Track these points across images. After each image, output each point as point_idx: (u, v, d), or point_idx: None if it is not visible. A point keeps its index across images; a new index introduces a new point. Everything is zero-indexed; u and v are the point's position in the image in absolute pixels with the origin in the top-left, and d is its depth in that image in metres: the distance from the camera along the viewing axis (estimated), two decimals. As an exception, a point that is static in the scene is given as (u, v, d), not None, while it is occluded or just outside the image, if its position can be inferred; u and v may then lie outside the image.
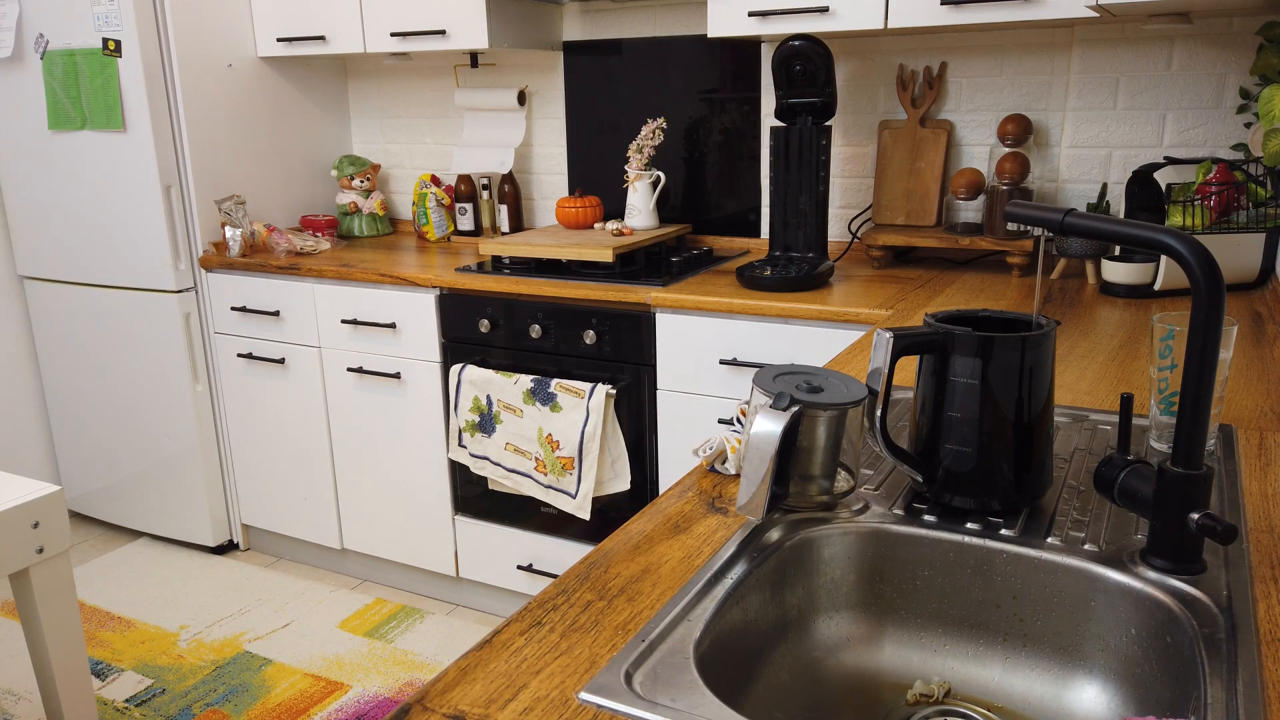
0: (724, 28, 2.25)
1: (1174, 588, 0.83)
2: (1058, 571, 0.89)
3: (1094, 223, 0.83)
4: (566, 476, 2.33)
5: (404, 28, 2.62)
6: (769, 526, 0.95)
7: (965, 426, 0.94)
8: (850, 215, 2.57)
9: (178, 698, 2.33)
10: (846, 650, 0.95)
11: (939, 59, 2.40)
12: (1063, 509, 0.98)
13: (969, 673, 0.92)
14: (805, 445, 0.94)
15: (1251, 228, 1.92)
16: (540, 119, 2.93)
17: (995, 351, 0.92)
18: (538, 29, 2.72)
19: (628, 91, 2.78)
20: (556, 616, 0.81)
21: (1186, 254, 0.76)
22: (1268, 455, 1.11)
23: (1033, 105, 2.33)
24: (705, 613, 0.81)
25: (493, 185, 2.98)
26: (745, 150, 2.67)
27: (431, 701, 0.70)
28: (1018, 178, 2.23)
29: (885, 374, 0.93)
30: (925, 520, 0.96)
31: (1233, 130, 2.16)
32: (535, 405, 2.33)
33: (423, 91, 3.09)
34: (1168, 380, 1.07)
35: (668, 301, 2.17)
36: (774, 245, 2.31)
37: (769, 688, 0.88)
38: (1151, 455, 1.12)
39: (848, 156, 2.56)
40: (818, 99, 2.21)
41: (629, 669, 0.73)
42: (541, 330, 2.34)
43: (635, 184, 2.61)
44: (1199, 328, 0.78)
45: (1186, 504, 0.81)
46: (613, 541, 0.94)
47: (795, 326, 2.05)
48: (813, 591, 0.96)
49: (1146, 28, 2.16)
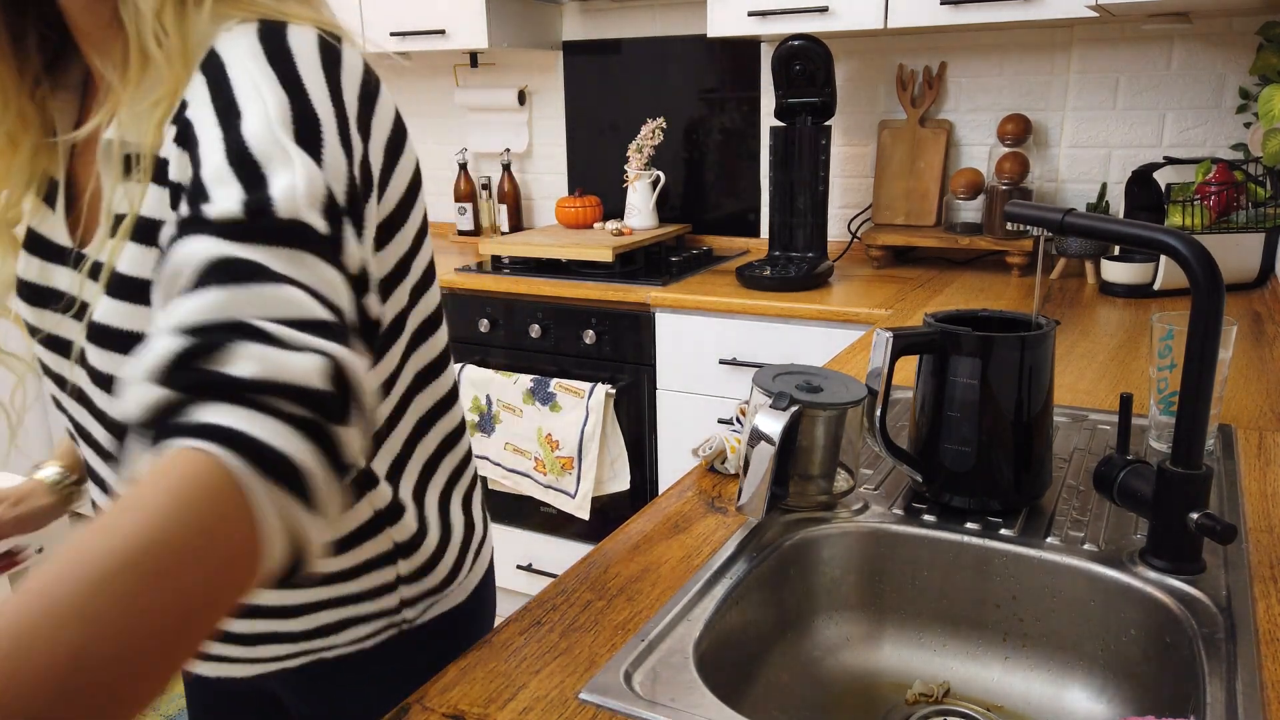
0: (724, 28, 2.25)
1: (1173, 587, 0.83)
2: (1057, 571, 0.89)
3: (1094, 223, 0.83)
4: (566, 476, 2.33)
5: (403, 27, 2.62)
6: (768, 526, 0.95)
7: (965, 426, 0.94)
8: (850, 215, 2.57)
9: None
10: (846, 650, 0.95)
11: (939, 59, 2.40)
12: (1062, 509, 0.98)
13: (968, 672, 0.92)
14: (805, 445, 0.94)
15: (1251, 228, 1.92)
16: (540, 118, 2.93)
17: (995, 351, 0.92)
18: (537, 28, 2.72)
19: (627, 91, 2.77)
20: (556, 616, 0.81)
21: (1186, 254, 0.76)
22: (1267, 455, 1.11)
23: (1032, 105, 2.33)
24: (705, 612, 0.81)
25: (492, 185, 2.98)
26: (745, 150, 2.67)
27: (431, 701, 0.70)
28: (1017, 177, 2.23)
29: (885, 374, 0.93)
30: (925, 520, 0.96)
31: (1232, 130, 2.16)
32: (535, 405, 2.33)
33: (422, 91, 3.09)
34: (1167, 380, 1.07)
35: (667, 301, 2.17)
36: (773, 245, 2.31)
37: (768, 687, 0.88)
38: (1151, 455, 1.12)
39: (847, 156, 2.56)
40: (817, 99, 2.21)
41: (628, 669, 0.73)
42: (541, 330, 2.34)
43: (635, 184, 2.61)
44: (1198, 327, 0.78)
45: (1186, 504, 0.81)
46: (612, 541, 0.94)
47: (795, 326, 2.05)
48: (812, 591, 0.96)
49: (1146, 27, 2.16)
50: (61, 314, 0.73)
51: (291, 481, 0.47)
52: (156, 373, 0.48)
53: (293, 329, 0.51)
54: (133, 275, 0.65)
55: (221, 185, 0.55)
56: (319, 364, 0.50)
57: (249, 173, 0.55)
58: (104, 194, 0.67)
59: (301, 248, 0.54)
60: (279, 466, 0.47)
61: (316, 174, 0.57)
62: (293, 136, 0.58)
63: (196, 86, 0.62)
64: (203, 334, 0.49)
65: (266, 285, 0.51)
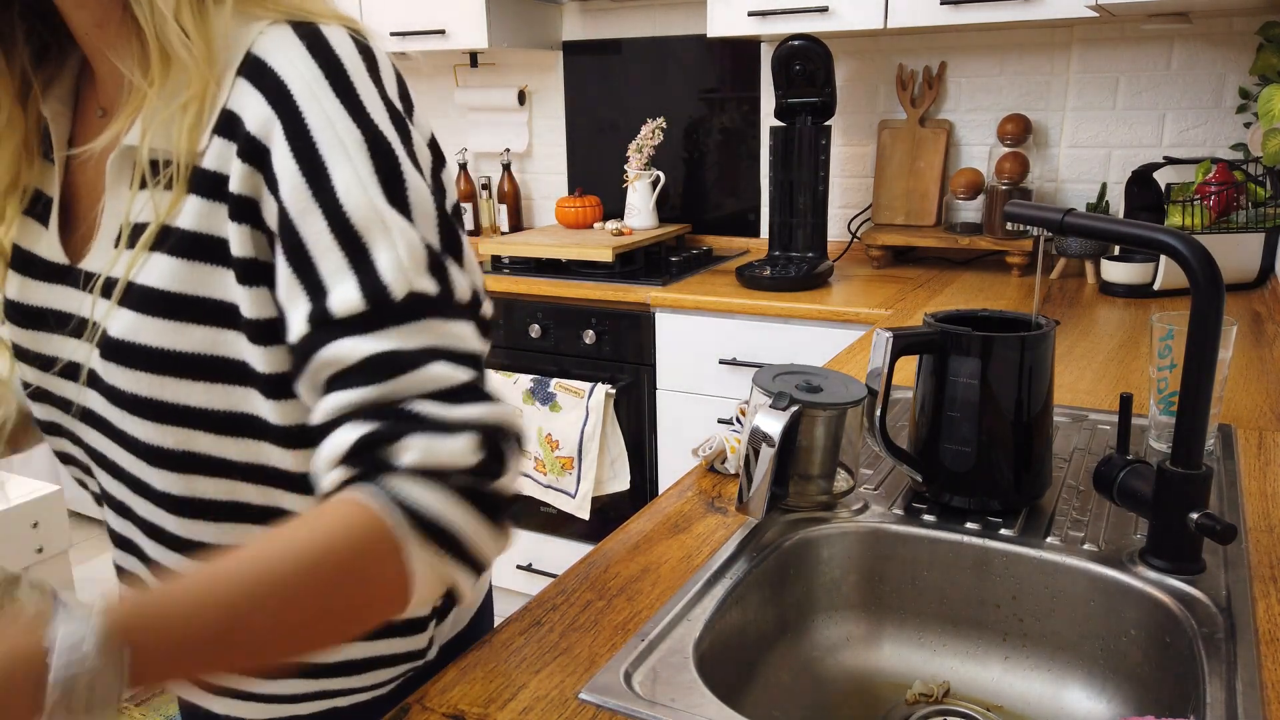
0: (724, 27, 2.25)
1: (1173, 587, 0.83)
2: (1057, 571, 0.89)
3: (1093, 223, 0.83)
4: (566, 476, 2.33)
5: (403, 27, 2.62)
6: (768, 526, 0.95)
7: (965, 426, 0.94)
8: (850, 215, 2.57)
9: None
10: (846, 650, 0.95)
11: (939, 59, 2.40)
12: (1062, 509, 0.98)
13: (968, 672, 0.92)
14: (805, 445, 0.94)
15: (1251, 227, 1.92)
16: (540, 118, 2.93)
17: (995, 351, 0.92)
18: (537, 28, 2.72)
19: (627, 91, 2.77)
20: (556, 616, 0.81)
21: (1186, 254, 0.76)
22: (1267, 455, 1.11)
23: (1032, 105, 2.33)
24: (705, 612, 0.81)
25: (492, 185, 2.98)
26: (745, 150, 2.67)
27: (431, 701, 0.70)
28: (1017, 177, 2.23)
29: (885, 374, 0.93)
30: (925, 520, 0.96)
31: (1232, 130, 2.16)
32: (535, 405, 2.33)
33: (422, 91, 3.09)
34: (1167, 380, 1.07)
35: (667, 301, 2.17)
36: (773, 245, 2.31)
37: (768, 687, 0.88)
38: (1151, 455, 1.12)
39: (847, 156, 2.56)
40: (817, 99, 2.21)
41: (628, 668, 0.73)
42: (541, 330, 2.34)
43: (635, 184, 2.61)
44: (1198, 327, 0.78)
45: (1186, 504, 0.81)
46: (612, 541, 0.94)
47: (795, 326, 2.05)
48: (812, 591, 0.96)
49: (1146, 27, 2.16)
50: (62, 334, 0.70)
51: (441, 539, 0.57)
52: (340, 456, 0.57)
53: (444, 403, 0.58)
54: (166, 289, 0.63)
55: (336, 275, 0.59)
56: (469, 441, 0.58)
57: (356, 254, 0.60)
58: (122, 203, 0.65)
59: (424, 316, 0.60)
60: (431, 527, 0.56)
61: (412, 235, 0.61)
62: (380, 189, 0.61)
63: (249, 99, 0.61)
64: (372, 417, 0.57)
65: (410, 370, 0.58)
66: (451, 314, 0.61)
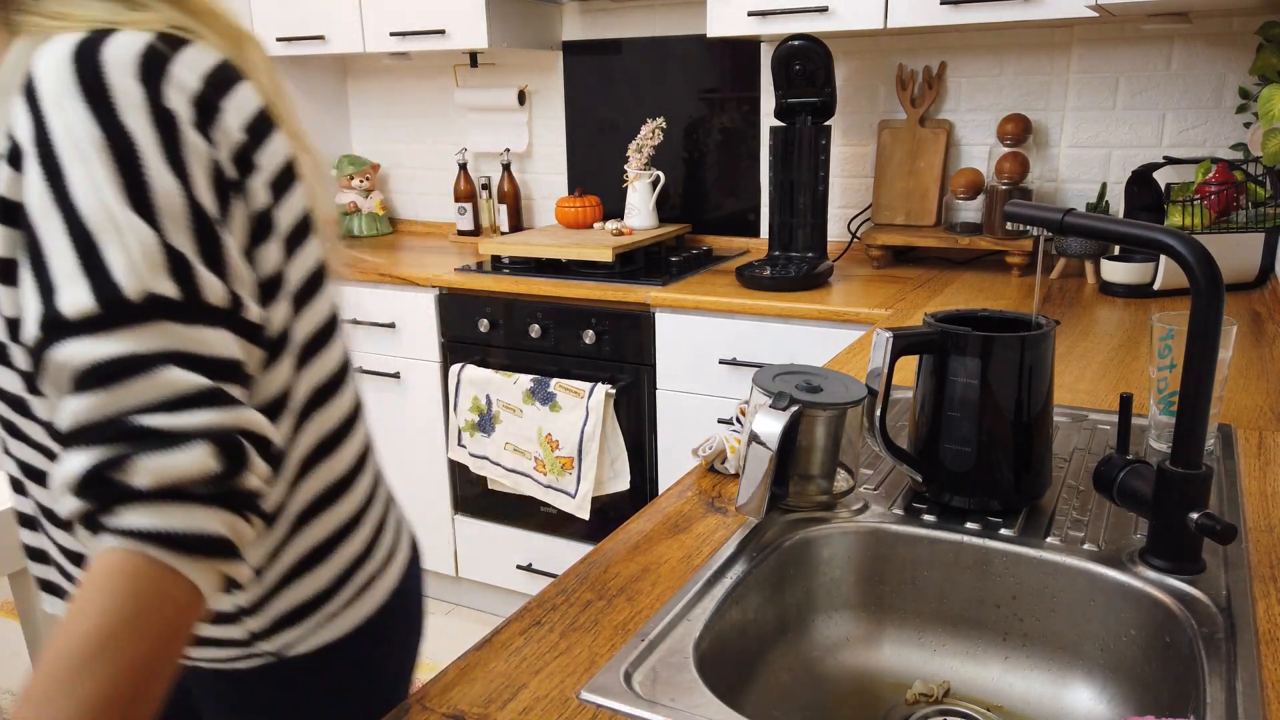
0: (723, 27, 2.25)
1: (1173, 587, 0.83)
2: (1057, 571, 0.89)
3: (1093, 222, 0.83)
4: (566, 476, 2.33)
5: (403, 27, 2.62)
6: (768, 526, 0.95)
7: (965, 426, 0.94)
8: (850, 215, 2.57)
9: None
10: (846, 650, 0.95)
11: (939, 59, 2.40)
12: (1062, 509, 0.98)
13: (968, 672, 0.93)
14: (805, 445, 0.94)
15: (1251, 227, 1.92)
16: (540, 118, 2.93)
17: (995, 351, 0.92)
18: (537, 28, 2.72)
19: (627, 91, 2.77)
20: (556, 616, 0.81)
21: (1186, 254, 0.76)
22: (1267, 455, 1.11)
23: (1032, 105, 2.33)
24: (705, 612, 0.81)
25: (492, 185, 2.98)
26: (745, 150, 2.67)
27: (431, 701, 0.70)
28: (1017, 177, 2.23)
29: (885, 374, 0.93)
30: (925, 520, 0.96)
31: (1232, 130, 2.16)
32: (535, 405, 2.33)
33: (422, 91, 3.09)
34: (1167, 380, 1.07)
35: (667, 301, 2.17)
36: (773, 245, 2.31)
37: (768, 687, 0.88)
38: (1151, 455, 1.12)
39: (847, 156, 2.56)
40: (817, 99, 2.21)
41: (628, 668, 0.73)
42: (541, 330, 2.34)
43: (635, 184, 2.61)
44: (1198, 327, 0.78)
45: (1186, 504, 0.81)
46: (612, 541, 0.94)
47: (795, 326, 2.05)
48: (812, 591, 0.96)
49: (1146, 27, 2.16)
50: None
51: (210, 547, 0.58)
52: (73, 488, 0.57)
53: (172, 413, 0.58)
54: None
55: (68, 275, 0.59)
56: (202, 452, 0.58)
57: (88, 255, 0.59)
58: None
59: (160, 318, 0.59)
60: (195, 543, 0.58)
61: (149, 237, 0.60)
62: (117, 191, 0.60)
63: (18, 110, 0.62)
64: (97, 439, 0.57)
65: (140, 376, 0.58)
66: (194, 319, 0.61)
